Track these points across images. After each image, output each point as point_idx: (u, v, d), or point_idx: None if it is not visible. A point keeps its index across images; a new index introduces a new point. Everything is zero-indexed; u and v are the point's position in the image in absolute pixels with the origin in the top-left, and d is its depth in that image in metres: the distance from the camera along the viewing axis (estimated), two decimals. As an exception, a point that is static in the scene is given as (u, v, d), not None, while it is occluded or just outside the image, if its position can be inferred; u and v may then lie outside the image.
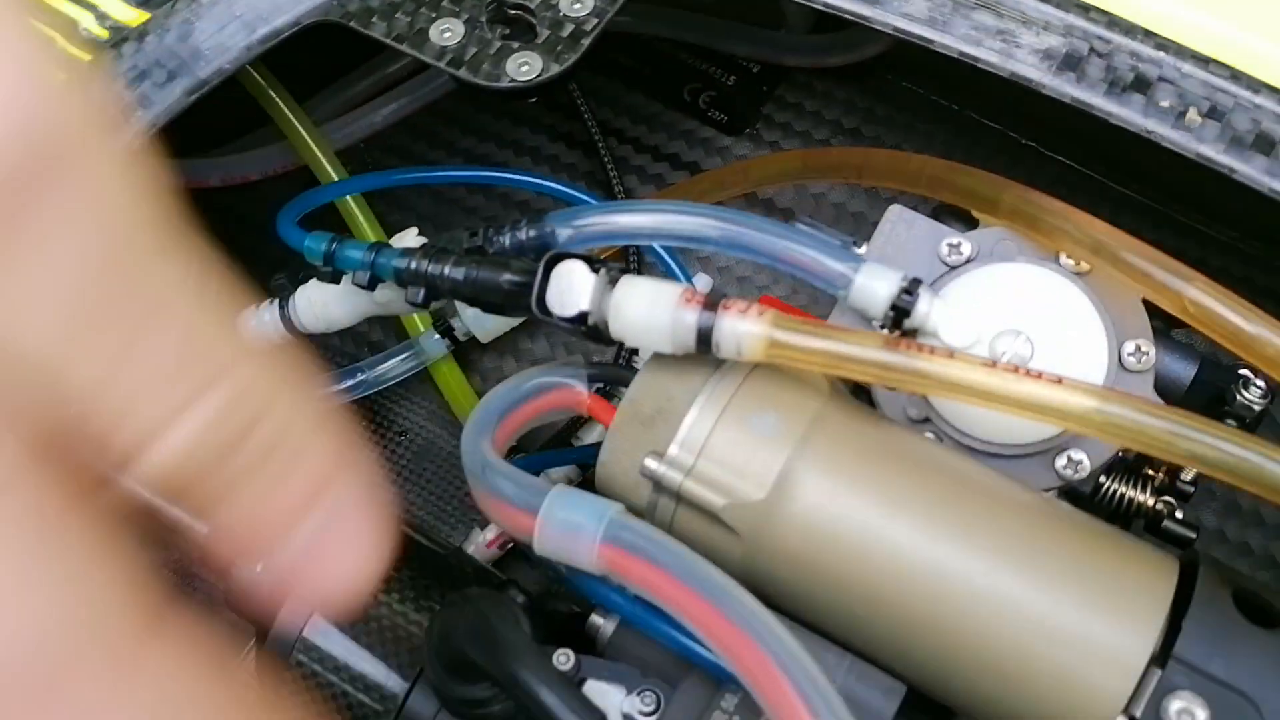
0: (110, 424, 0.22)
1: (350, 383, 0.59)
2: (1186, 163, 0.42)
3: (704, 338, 0.37)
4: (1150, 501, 0.45)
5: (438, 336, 0.60)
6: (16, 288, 0.20)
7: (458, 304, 0.59)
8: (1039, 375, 0.36)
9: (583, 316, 0.38)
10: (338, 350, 0.64)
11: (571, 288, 0.38)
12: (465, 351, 0.62)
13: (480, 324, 0.59)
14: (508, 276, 0.40)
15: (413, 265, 0.41)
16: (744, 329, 0.37)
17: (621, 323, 0.38)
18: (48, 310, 0.21)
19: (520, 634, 0.35)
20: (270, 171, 0.64)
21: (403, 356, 0.60)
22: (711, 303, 0.38)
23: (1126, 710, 0.34)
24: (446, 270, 0.41)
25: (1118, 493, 0.45)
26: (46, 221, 0.20)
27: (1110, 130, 0.43)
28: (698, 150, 0.65)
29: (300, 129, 0.59)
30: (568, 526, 0.37)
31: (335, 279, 0.44)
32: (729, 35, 0.63)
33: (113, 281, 0.21)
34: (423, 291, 0.41)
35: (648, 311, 0.38)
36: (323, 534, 0.24)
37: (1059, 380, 0.35)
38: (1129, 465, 0.46)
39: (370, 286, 0.42)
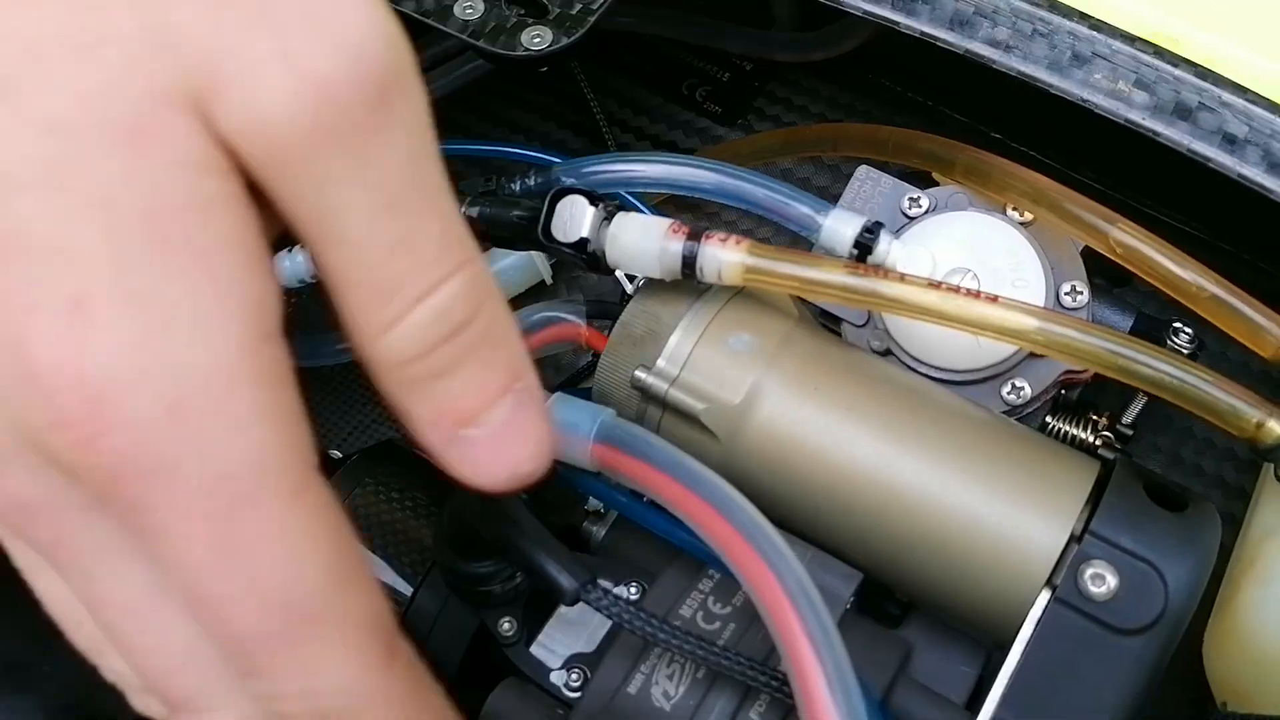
0: (370, 302, 0.28)
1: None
2: (1135, 149, 0.47)
3: (688, 263, 0.43)
4: (1092, 439, 0.50)
5: (452, 300, 0.65)
6: (361, 174, 0.26)
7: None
8: (978, 294, 0.41)
9: (583, 243, 0.43)
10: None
11: (574, 217, 0.43)
12: (477, 316, 0.67)
13: (491, 288, 0.65)
14: (517, 212, 0.45)
15: (435, 205, 0.47)
16: (724, 256, 0.43)
17: (617, 251, 0.44)
18: (371, 199, 0.27)
19: (519, 505, 0.40)
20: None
21: (420, 319, 0.65)
22: (695, 233, 0.43)
23: (1049, 581, 0.39)
24: (463, 208, 0.46)
25: (1063, 431, 0.50)
26: (390, 124, 0.26)
27: (1067, 122, 0.49)
28: (694, 139, 0.70)
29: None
30: (565, 427, 0.41)
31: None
32: (723, 35, 0.70)
33: (415, 175, 0.27)
34: (443, 227, 0.46)
35: (639, 241, 0.43)
36: (512, 418, 0.30)
37: (995, 299, 0.41)
38: (1074, 408, 0.51)
39: (397, 224, 0.48)
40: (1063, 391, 0.50)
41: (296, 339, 0.65)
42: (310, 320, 0.70)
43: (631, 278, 0.58)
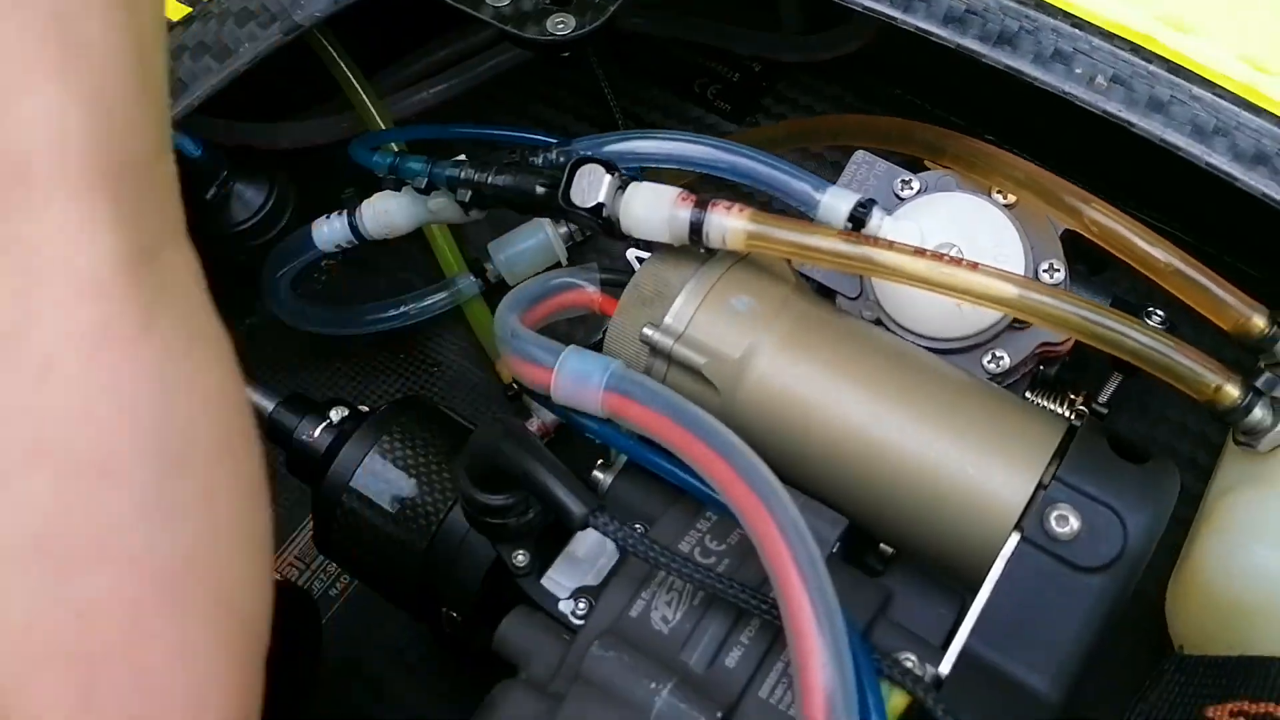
0: None
1: (395, 313, 0.69)
2: (1120, 153, 0.51)
3: (695, 229, 0.46)
4: (1069, 414, 0.54)
5: (472, 278, 0.69)
6: None
7: (490, 249, 0.69)
8: (960, 261, 0.45)
9: (599, 208, 0.47)
10: (384, 293, 0.73)
11: (592, 184, 0.47)
12: (494, 294, 0.71)
13: (509, 267, 0.69)
14: (540, 181, 0.49)
15: (462, 173, 0.51)
16: (728, 223, 0.46)
17: (630, 218, 0.47)
18: None
19: (534, 439, 0.43)
20: (333, 138, 0.74)
21: (442, 295, 0.69)
22: (702, 202, 0.47)
23: (1018, 525, 0.43)
24: (490, 177, 0.50)
25: (1041, 406, 0.53)
26: None
27: (1057, 125, 0.52)
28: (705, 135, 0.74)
29: (364, 97, 0.68)
30: (578, 376, 0.45)
31: (397, 186, 0.53)
32: (733, 37, 0.74)
33: None
34: (470, 194, 0.50)
35: (650, 208, 0.47)
36: None
37: (976, 266, 0.44)
38: (1052, 384, 0.54)
39: (426, 191, 0.51)
40: (1041, 367, 0.53)
41: (329, 309, 0.70)
42: (340, 292, 0.74)
43: (640, 259, 0.62)
